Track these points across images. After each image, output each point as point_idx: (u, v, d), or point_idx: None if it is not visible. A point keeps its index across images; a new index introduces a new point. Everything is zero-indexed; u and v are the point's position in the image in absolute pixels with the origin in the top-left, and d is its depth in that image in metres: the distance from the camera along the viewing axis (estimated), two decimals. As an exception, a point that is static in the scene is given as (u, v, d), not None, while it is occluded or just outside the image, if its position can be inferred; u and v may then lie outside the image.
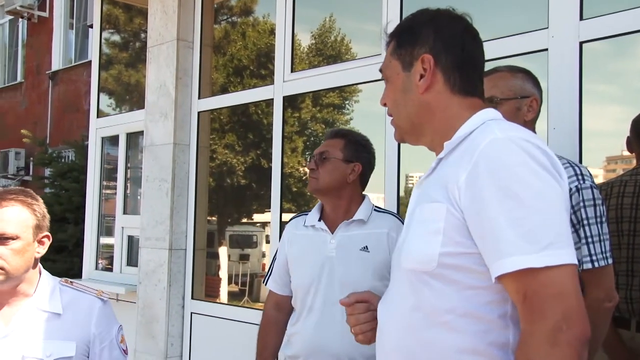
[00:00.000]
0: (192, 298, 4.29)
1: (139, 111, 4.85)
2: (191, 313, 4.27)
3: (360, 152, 2.38)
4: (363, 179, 2.40)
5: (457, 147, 1.32)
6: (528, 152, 1.19)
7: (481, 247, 1.20)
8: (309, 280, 2.33)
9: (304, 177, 4.30)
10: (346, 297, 1.48)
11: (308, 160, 2.40)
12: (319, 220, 2.39)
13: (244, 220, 4.97)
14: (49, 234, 1.85)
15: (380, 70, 1.49)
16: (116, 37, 5.82)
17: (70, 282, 1.91)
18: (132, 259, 5.05)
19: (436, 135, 1.39)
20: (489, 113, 1.37)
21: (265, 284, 2.56)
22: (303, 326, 2.33)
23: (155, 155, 4.44)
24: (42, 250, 1.83)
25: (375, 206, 2.43)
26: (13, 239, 1.73)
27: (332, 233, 2.33)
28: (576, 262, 1.16)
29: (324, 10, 4.16)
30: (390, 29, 1.50)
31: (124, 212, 5.19)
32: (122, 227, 5.18)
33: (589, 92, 2.51)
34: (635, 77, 2.76)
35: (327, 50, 4.16)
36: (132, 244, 5.07)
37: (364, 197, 2.40)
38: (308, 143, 4.28)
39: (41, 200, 1.86)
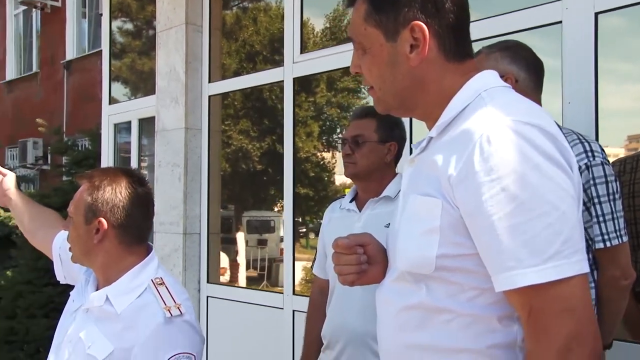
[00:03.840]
0: (208, 282, 4.30)
1: (150, 97, 4.84)
2: (207, 297, 4.28)
3: (393, 131, 2.33)
4: (396, 157, 2.37)
5: (450, 125, 1.18)
6: (530, 141, 1.04)
7: (480, 253, 1.09)
8: None
9: (321, 162, 4.27)
10: (345, 237, 1.36)
11: (341, 145, 2.36)
12: (351, 201, 2.39)
13: (261, 205, 4.95)
14: (102, 219, 1.68)
15: (349, 38, 1.28)
16: (129, 26, 5.80)
17: (160, 282, 1.70)
18: (147, 245, 5.06)
19: (429, 107, 1.23)
20: (484, 80, 1.21)
21: (312, 270, 2.62)
22: (331, 306, 2.37)
23: (167, 140, 4.43)
24: (99, 236, 1.69)
25: None
26: (71, 217, 1.73)
27: (361, 212, 2.33)
28: (587, 269, 1.04)
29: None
30: None
31: (138, 198, 5.19)
32: (137, 213, 5.18)
33: (607, 71, 2.44)
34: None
35: (341, 34, 4.11)
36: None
37: (396, 174, 2.37)
38: (324, 127, 4.24)
39: (116, 185, 1.71)
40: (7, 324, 6.30)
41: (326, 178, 4.07)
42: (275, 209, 4.80)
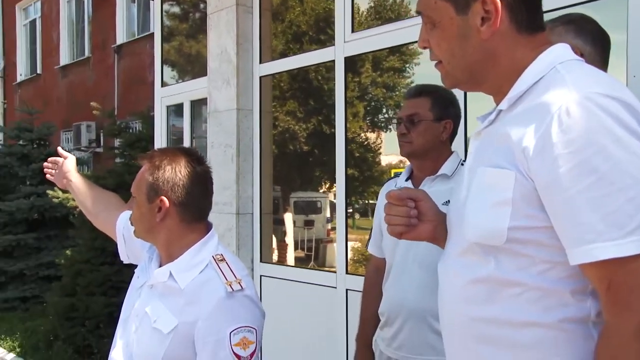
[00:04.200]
0: (261, 261, 4.35)
1: (201, 78, 4.90)
2: (260, 276, 4.34)
3: (448, 109, 2.33)
4: (452, 135, 2.37)
5: (522, 98, 1.16)
6: (611, 113, 1.02)
7: (555, 226, 1.08)
8: (391, 239, 2.36)
9: (366, 143, 4.24)
10: (398, 189, 1.40)
11: (396, 124, 2.36)
12: (407, 180, 2.40)
13: (307, 186, 4.98)
14: (164, 198, 1.72)
15: (419, 12, 1.27)
16: (176, 9, 5.86)
17: (221, 259, 1.74)
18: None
19: (499, 81, 1.22)
20: (557, 52, 1.19)
21: (367, 248, 2.65)
22: (388, 284, 2.40)
23: (220, 122, 4.48)
24: (161, 214, 1.72)
25: (464, 160, 2.40)
26: (134, 197, 1.77)
27: None
28: None
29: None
30: None
31: (191, 179, 5.27)
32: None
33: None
34: None
35: (386, 13, 4.07)
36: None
37: (452, 152, 2.38)
38: (369, 108, 4.22)
39: (176, 164, 1.74)
40: (68, 301, 6.51)
41: (371, 158, 4.06)
42: (321, 190, 4.82)
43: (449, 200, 2.24)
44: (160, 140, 5.58)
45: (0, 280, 9.15)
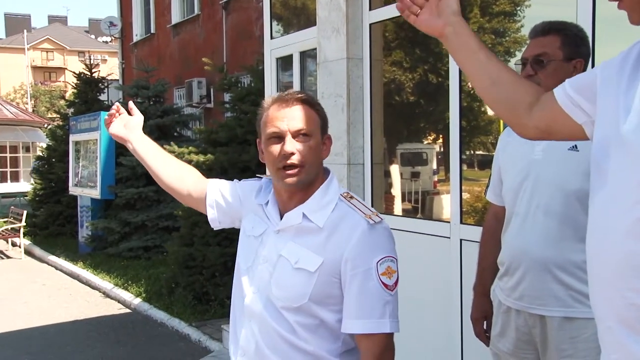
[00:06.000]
0: (372, 211, 4.34)
1: (311, 29, 4.86)
2: (372, 226, 4.33)
3: (580, 47, 2.17)
4: None
5: None
6: None
7: None
8: (513, 186, 2.29)
9: (472, 92, 4.08)
10: None
11: (521, 66, 2.23)
12: None
13: (413, 137, 4.88)
14: (330, 134, 1.80)
15: None
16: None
17: (350, 196, 1.76)
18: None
19: None
20: None
21: (485, 196, 2.58)
22: (508, 232, 2.30)
23: (330, 71, 4.44)
24: (327, 151, 1.78)
25: None
26: (308, 135, 1.71)
27: None
28: None
29: None
30: None
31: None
32: (300, 145, 5.31)
33: None
34: None
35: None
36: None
37: None
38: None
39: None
40: (186, 250, 6.84)
41: (476, 107, 3.89)
42: (426, 142, 4.71)
43: (575, 145, 2.11)
44: (270, 92, 5.63)
45: (125, 230, 9.79)
